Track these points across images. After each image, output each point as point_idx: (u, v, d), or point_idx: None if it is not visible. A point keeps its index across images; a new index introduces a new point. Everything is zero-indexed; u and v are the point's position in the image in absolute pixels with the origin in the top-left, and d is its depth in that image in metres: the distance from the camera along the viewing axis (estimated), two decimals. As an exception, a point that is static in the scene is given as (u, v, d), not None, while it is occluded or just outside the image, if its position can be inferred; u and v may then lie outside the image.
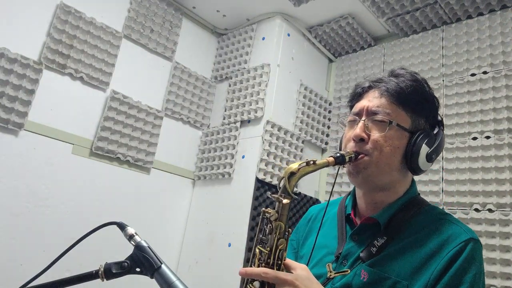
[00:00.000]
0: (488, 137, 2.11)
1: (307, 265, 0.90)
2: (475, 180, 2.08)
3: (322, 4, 2.63)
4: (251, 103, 2.63)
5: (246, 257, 2.27)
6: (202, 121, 2.90)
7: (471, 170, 2.11)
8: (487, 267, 1.91)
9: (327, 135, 2.94)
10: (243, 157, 2.55)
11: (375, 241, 0.86)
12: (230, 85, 2.85)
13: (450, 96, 2.32)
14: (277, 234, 0.78)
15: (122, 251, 0.85)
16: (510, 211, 1.94)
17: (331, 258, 0.91)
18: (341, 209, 1.00)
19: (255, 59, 2.77)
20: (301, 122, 2.76)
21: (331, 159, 0.84)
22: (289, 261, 0.80)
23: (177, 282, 0.74)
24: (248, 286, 0.79)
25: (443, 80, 2.38)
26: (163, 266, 0.76)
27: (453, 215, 2.07)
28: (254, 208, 2.36)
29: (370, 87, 0.94)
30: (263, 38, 2.78)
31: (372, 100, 0.91)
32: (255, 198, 2.39)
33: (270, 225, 0.79)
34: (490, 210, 2.00)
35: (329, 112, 2.98)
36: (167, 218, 2.64)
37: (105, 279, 0.76)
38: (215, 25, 3.06)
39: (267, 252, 0.79)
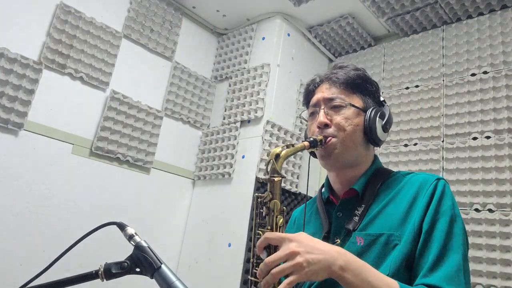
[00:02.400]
0: (488, 137, 2.11)
1: None
2: (475, 180, 2.08)
3: (322, 4, 2.63)
4: (251, 103, 2.62)
5: (246, 257, 2.27)
6: (202, 121, 2.90)
7: (471, 170, 2.11)
8: (487, 267, 1.91)
9: (327, 135, 2.94)
10: (243, 157, 2.55)
11: (356, 211, 0.95)
12: (230, 85, 2.85)
13: (450, 96, 2.31)
14: (275, 212, 0.86)
15: (122, 251, 0.84)
16: (510, 211, 1.94)
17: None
18: (319, 200, 1.09)
19: (255, 59, 2.77)
20: (301, 122, 2.75)
21: (306, 143, 0.95)
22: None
23: (177, 282, 0.74)
24: (254, 269, 0.84)
25: (443, 80, 2.38)
26: (163, 266, 0.76)
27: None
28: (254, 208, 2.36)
29: (321, 81, 1.06)
30: (263, 38, 2.78)
31: (325, 91, 1.03)
32: (255, 197, 2.38)
33: (266, 207, 0.87)
34: (490, 210, 1.99)
35: (329, 112, 2.97)
36: (167, 218, 2.64)
37: (105, 279, 0.76)
38: (215, 25, 3.06)
39: (268, 231, 0.85)
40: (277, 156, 0.89)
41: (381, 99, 1.07)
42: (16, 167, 2.01)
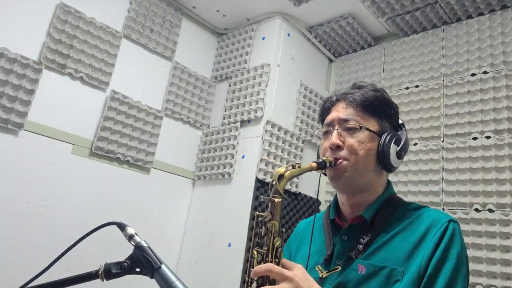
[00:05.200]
0: (488, 137, 2.11)
1: None
2: (475, 180, 2.08)
3: (322, 4, 2.63)
4: (251, 103, 2.62)
5: (246, 257, 2.27)
6: (202, 121, 2.90)
7: (471, 170, 2.11)
8: (487, 267, 1.91)
9: (327, 135, 2.94)
10: (243, 157, 2.55)
11: (361, 239, 0.93)
12: (230, 85, 2.85)
13: (450, 96, 2.31)
14: (273, 233, 0.84)
15: (122, 251, 0.84)
16: (510, 211, 1.94)
17: (322, 262, 0.98)
18: (326, 217, 1.07)
19: (255, 59, 2.77)
20: (301, 122, 2.76)
21: (314, 164, 0.93)
22: (286, 260, 0.85)
23: (177, 282, 0.74)
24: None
25: (443, 80, 2.38)
26: (163, 266, 0.76)
27: (453, 215, 2.08)
28: (254, 208, 2.36)
29: (337, 100, 1.03)
30: (263, 38, 2.78)
31: (341, 111, 1.00)
32: (255, 198, 2.38)
33: (265, 226, 0.85)
34: (490, 210, 1.99)
35: (329, 112, 2.97)
36: (167, 218, 2.64)
37: (105, 279, 0.76)
38: (215, 25, 3.06)
39: (265, 251, 0.84)
40: (281, 176, 0.88)
41: (400, 122, 1.04)
42: (16, 167, 2.01)
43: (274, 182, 0.88)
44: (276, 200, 0.86)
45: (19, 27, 2.10)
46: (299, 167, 0.91)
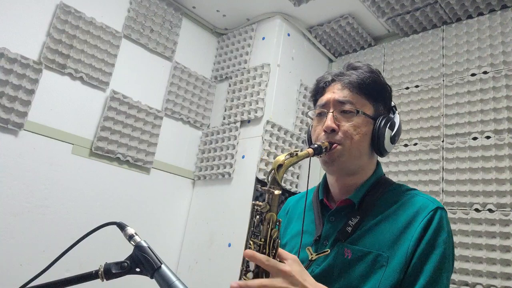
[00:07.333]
0: (488, 137, 2.11)
1: (292, 251, 0.96)
2: (476, 180, 2.08)
3: (322, 4, 2.63)
4: (251, 103, 2.62)
5: (246, 257, 2.26)
6: (202, 121, 2.90)
7: (471, 170, 2.10)
8: (487, 267, 1.91)
9: (327, 135, 2.93)
10: (243, 157, 2.55)
11: (350, 221, 0.92)
12: (230, 85, 2.85)
13: (450, 96, 2.31)
14: (270, 224, 0.82)
15: (122, 251, 0.84)
16: (511, 211, 1.94)
17: (312, 242, 0.97)
18: (316, 197, 1.06)
19: (255, 59, 2.77)
20: (301, 122, 2.76)
21: (311, 150, 0.90)
22: (281, 251, 0.83)
23: (177, 282, 0.74)
24: (243, 278, 0.83)
25: (443, 80, 2.38)
26: (163, 266, 0.76)
27: (453, 215, 2.07)
28: (254, 208, 2.36)
29: (333, 80, 1.01)
30: (263, 38, 2.78)
31: (336, 92, 0.97)
32: (255, 198, 2.39)
33: (261, 217, 0.83)
34: (490, 210, 1.99)
35: (329, 112, 2.97)
36: (167, 218, 2.64)
37: (105, 279, 0.76)
38: (215, 25, 3.06)
39: (261, 243, 0.82)
40: (280, 166, 0.85)
41: (392, 104, 1.04)
42: (16, 167, 2.01)
43: (273, 172, 0.85)
44: (276, 192, 0.83)
45: (19, 27, 2.10)
46: (296, 155, 0.88)
